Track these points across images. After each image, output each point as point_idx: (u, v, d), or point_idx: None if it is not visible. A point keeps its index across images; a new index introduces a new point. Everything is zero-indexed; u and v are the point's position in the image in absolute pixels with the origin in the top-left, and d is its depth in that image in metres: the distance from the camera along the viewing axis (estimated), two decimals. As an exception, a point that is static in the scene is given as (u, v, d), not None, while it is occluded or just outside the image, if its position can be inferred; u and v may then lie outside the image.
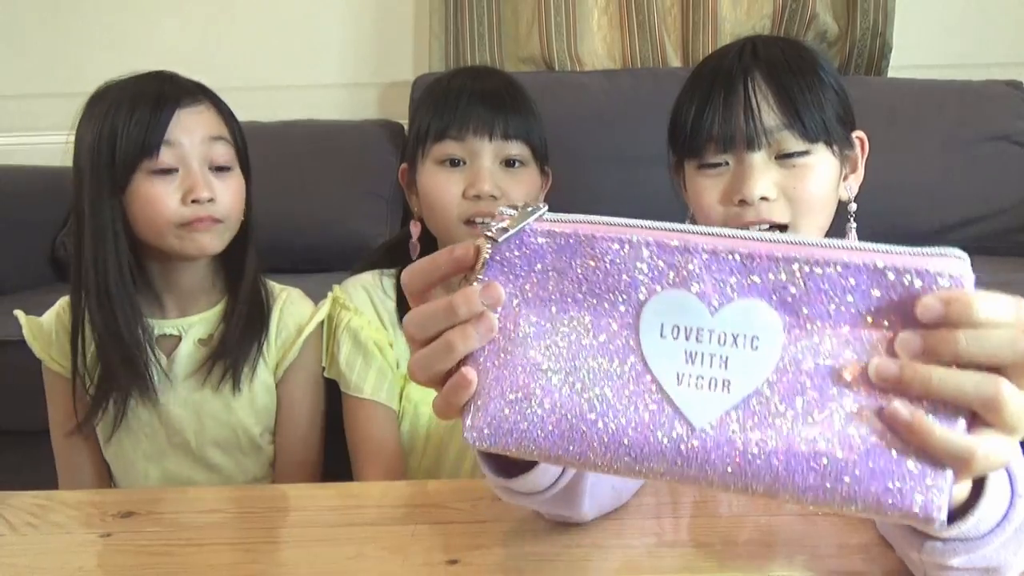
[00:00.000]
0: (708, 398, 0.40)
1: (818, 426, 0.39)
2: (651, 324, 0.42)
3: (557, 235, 0.44)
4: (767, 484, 0.39)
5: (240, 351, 0.97)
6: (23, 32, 2.12)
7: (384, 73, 2.09)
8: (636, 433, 0.41)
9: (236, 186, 0.95)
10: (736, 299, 0.40)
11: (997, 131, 1.74)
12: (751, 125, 0.76)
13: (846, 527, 0.62)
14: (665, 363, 0.41)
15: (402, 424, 1.03)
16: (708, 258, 0.41)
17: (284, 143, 1.85)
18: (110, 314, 0.91)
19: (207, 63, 2.09)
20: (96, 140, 0.90)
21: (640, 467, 0.41)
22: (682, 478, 0.41)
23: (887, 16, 1.88)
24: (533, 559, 0.60)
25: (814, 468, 0.38)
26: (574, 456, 0.42)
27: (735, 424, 0.40)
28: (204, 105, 0.94)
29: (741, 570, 0.57)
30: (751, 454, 0.39)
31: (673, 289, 0.41)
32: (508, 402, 0.43)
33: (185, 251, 0.92)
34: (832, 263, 0.39)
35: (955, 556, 0.47)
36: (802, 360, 0.39)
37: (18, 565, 0.62)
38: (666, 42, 1.95)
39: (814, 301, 0.40)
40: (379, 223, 1.78)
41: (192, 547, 0.63)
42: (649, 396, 0.41)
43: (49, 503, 0.72)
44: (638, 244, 0.42)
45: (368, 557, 0.61)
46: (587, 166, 1.71)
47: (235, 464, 1.01)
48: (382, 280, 1.03)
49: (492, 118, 0.92)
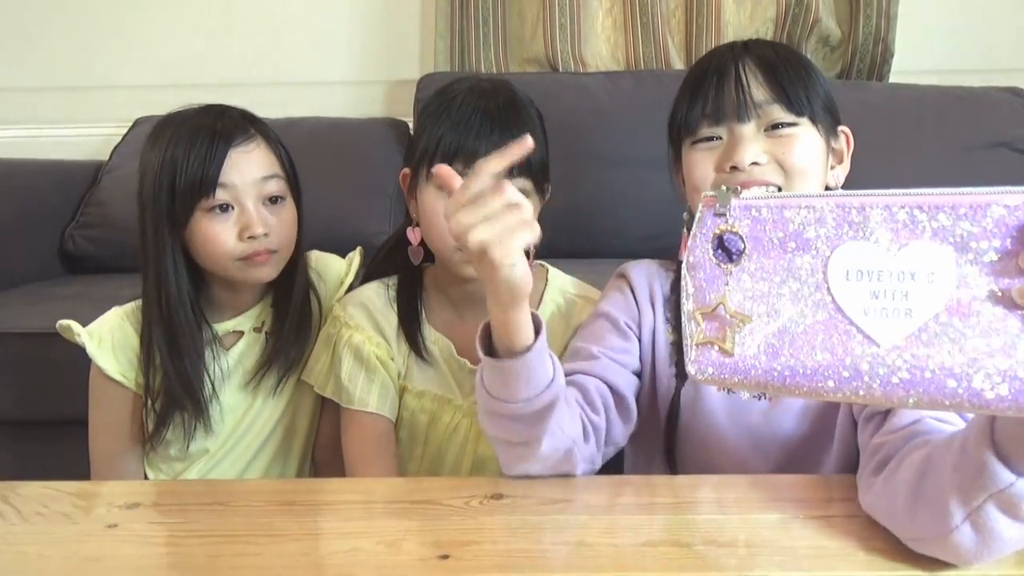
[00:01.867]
0: (893, 324, 0.48)
1: (993, 341, 0.45)
2: (838, 271, 0.50)
3: (753, 207, 0.53)
4: (952, 394, 0.46)
5: (289, 353, 1.03)
6: (31, 26, 2.13)
7: (390, 71, 2.10)
8: (833, 357, 0.49)
9: (288, 217, 1.00)
10: (910, 243, 0.48)
11: (997, 137, 1.74)
12: (741, 99, 0.81)
13: (827, 528, 0.64)
14: (853, 301, 0.49)
15: (400, 433, 1.04)
16: (884, 212, 0.49)
17: (289, 139, 1.81)
18: (173, 342, 0.97)
19: (214, 59, 2.12)
20: (156, 178, 0.95)
21: (836, 388, 0.49)
22: (871, 397, 0.48)
23: (889, 22, 1.88)
24: (522, 555, 0.61)
25: (993, 377, 0.45)
26: (779, 381, 0.51)
27: (918, 344, 0.47)
28: (255, 142, 0.97)
29: (724, 569, 0.59)
30: (935, 368, 0.46)
31: (854, 241, 0.49)
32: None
33: (245, 280, 0.99)
34: (995, 205, 0.46)
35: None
36: (975, 287, 0.46)
37: (27, 553, 0.64)
38: (669, 44, 1.96)
39: (980, 237, 0.46)
40: (383, 220, 1.79)
41: (195, 538, 0.65)
42: (842, 327, 0.49)
43: (57, 493, 0.74)
44: (821, 208, 0.51)
45: (363, 551, 0.63)
46: (590, 167, 1.72)
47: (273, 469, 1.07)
48: (387, 292, 1.05)
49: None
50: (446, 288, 1.03)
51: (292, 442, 1.09)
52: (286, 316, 1.03)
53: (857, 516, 0.65)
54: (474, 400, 1.02)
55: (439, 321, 1.04)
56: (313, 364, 1.05)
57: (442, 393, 1.03)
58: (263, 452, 1.07)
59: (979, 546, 0.55)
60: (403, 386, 1.03)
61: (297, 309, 1.04)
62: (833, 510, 0.67)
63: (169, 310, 0.96)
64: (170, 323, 0.97)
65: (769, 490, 0.71)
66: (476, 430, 1.01)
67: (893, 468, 0.62)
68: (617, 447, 0.86)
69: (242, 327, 1.05)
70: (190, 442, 1.01)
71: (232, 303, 1.04)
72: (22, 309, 1.46)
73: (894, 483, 0.61)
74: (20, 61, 2.15)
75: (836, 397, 0.50)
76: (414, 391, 1.03)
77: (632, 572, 0.59)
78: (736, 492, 0.71)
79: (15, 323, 1.36)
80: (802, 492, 0.71)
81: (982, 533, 0.54)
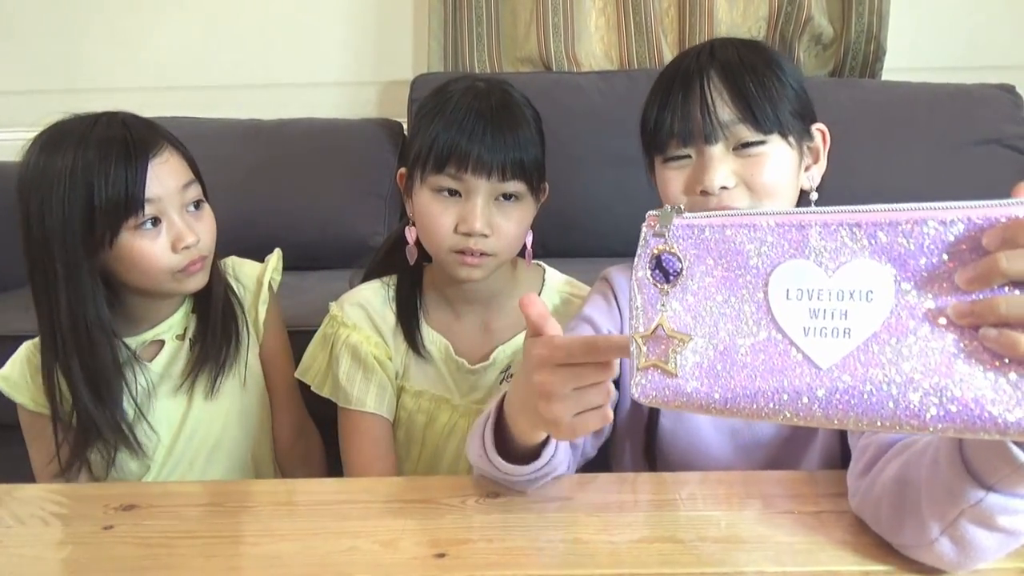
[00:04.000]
0: (832, 345, 0.47)
1: (931, 360, 0.45)
2: (778, 290, 0.50)
3: (695, 226, 0.53)
4: (890, 415, 0.45)
5: (218, 356, 1.01)
6: (24, 28, 2.13)
7: (383, 72, 2.10)
8: (773, 380, 0.48)
9: (210, 220, 0.99)
10: (850, 261, 0.48)
11: (989, 134, 1.75)
12: (707, 120, 0.80)
13: (819, 524, 0.64)
14: (793, 320, 0.49)
15: (398, 432, 1.05)
16: (821, 230, 0.48)
17: (283, 141, 1.86)
18: (92, 369, 0.93)
19: (207, 61, 2.12)
20: (64, 202, 0.87)
21: (777, 410, 0.48)
22: (811, 418, 0.47)
23: (881, 19, 1.89)
24: (517, 553, 0.62)
25: (932, 397, 0.44)
26: (720, 404, 0.50)
27: (857, 364, 0.46)
28: (167, 151, 0.94)
29: (718, 565, 0.60)
30: (872, 389, 0.46)
31: (794, 259, 0.49)
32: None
33: (179, 291, 0.97)
34: (931, 221, 0.45)
35: (1007, 515, 0.51)
36: (913, 306, 0.46)
37: (24, 555, 0.64)
38: (663, 44, 1.97)
39: (918, 254, 0.46)
40: (377, 221, 1.79)
41: (190, 539, 0.66)
42: (781, 348, 0.49)
43: (54, 496, 0.75)
44: (762, 227, 0.50)
45: (360, 550, 0.63)
46: (583, 167, 1.72)
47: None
48: (386, 292, 1.04)
49: (491, 159, 0.90)
50: (443, 288, 1.04)
51: (247, 446, 1.07)
52: (209, 320, 1.01)
53: (847, 512, 0.66)
54: (471, 400, 1.03)
55: (437, 321, 1.04)
56: (310, 363, 1.05)
57: (440, 393, 1.03)
58: (216, 458, 1.04)
59: (961, 556, 0.55)
60: (401, 386, 1.03)
61: (220, 311, 1.02)
62: (823, 505, 0.68)
63: (89, 337, 0.91)
64: (91, 350, 0.92)
65: (761, 486, 0.72)
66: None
67: (876, 474, 0.62)
68: (587, 458, 0.86)
69: (162, 336, 1.02)
70: (110, 469, 0.99)
71: (148, 315, 1.01)
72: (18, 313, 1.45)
73: (877, 493, 0.61)
74: (14, 64, 2.14)
75: (777, 419, 0.48)
76: (412, 391, 1.03)
77: (627, 569, 0.60)
78: (728, 489, 0.72)
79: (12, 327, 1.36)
80: (793, 488, 0.71)
81: (960, 545, 0.54)
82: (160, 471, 1.02)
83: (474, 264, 0.93)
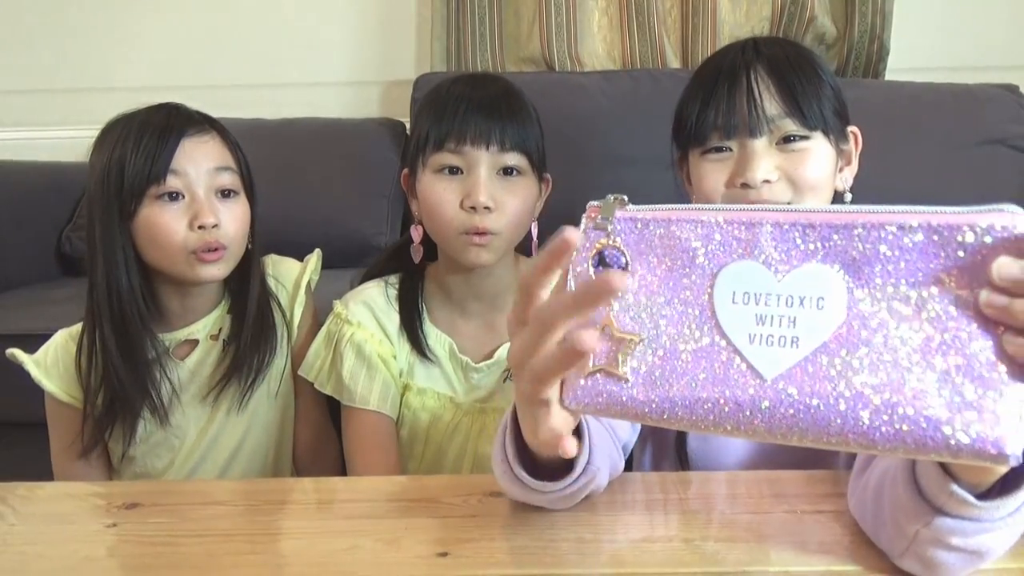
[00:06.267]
0: (778, 354, 0.44)
1: (883, 375, 0.42)
2: (723, 292, 0.46)
3: (639, 220, 0.49)
4: (837, 432, 0.42)
5: (250, 366, 1.01)
6: (28, 28, 2.13)
7: (386, 72, 2.10)
8: (714, 389, 0.45)
9: (241, 213, 0.98)
10: (801, 265, 0.44)
11: (993, 135, 1.75)
12: (753, 113, 0.80)
13: (827, 524, 0.64)
14: (738, 326, 0.45)
15: (401, 430, 1.04)
16: (773, 230, 0.45)
17: (286, 140, 1.87)
18: (124, 337, 0.95)
19: (210, 60, 2.12)
20: (105, 169, 0.93)
21: (717, 422, 0.45)
22: (753, 432, 0.44)
23: (885, 19, 1.89)
24: (520, 552, 0.62)
25: (882, 414, 0.41)
26: (657, 414, 0.46)
27: (804, 376, 0.43)
28: (209, 135, 0.96)
29: (724, 564, 0.59)
30: (819, 403, 0.42)
31: (742, 260, 0.46)
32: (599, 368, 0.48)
33: (196, 279, 0.96)
34: (889, 225, 0.42)
35: (959, 536, 0.49)
36: (867, 316, 0.43)
37: (26, 553, 0.64)
38: (666, 44, 1.97)
39: (874, 261, 0.43)
40: (380, 221, 1.79)
41: (194, 538, 0.65)
42: (725, 355, 0.45)
43: (56, 493, 0.75)
44: (709, 223, 0.47)
45: (363, 549, 0.63)
46: (585, 167, 1.72)
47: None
48: (387, 290, 1.04)
49: (489, 128, 0.91)
50: (448, 285, 1.03)
51: (265, 457, 1.07)
52: (244, 320, 1.01)
53: (847, 512, 0.65)
54: (475, 398, 1.03)
55: (441, 319, 1.04)
56: (313, 361, 1.04)
57: (444, 391, 1.03)
58: (237, 461, 1.04)
59: (927, 571, 0.54)
60: (405, 384, 1.03)
61: (256, 313, 1.01)
62: (825, 505, 0.67)
63: (120, 304, 0.94)
64: (121, 318, 0.94)
65: (771, 485, 0.71)
66: (477, 428, 1.02)
67: (867, 477, 0.62)
68: (627, 450, 0.85)
69: (196, 335, 1.02)
70: (129, 446, 0.99)
71: (182, 310, 1.01)
72: (19, 311, 1.46)
73: (863, 497, 0.60)
74: (16, 63, 2.15)
75: (717, 432, 0.45)
76: (416, 389, 1.03)
77: (632, 568, 0.59)
78: (737, 487, 0.71)
79: (12, 325, 1.36)
80: (806, 487, 0.71)
81: (923, 561, 0.53)
82: (180, 471, 1.02)
83: (482, 244, 0.93)
